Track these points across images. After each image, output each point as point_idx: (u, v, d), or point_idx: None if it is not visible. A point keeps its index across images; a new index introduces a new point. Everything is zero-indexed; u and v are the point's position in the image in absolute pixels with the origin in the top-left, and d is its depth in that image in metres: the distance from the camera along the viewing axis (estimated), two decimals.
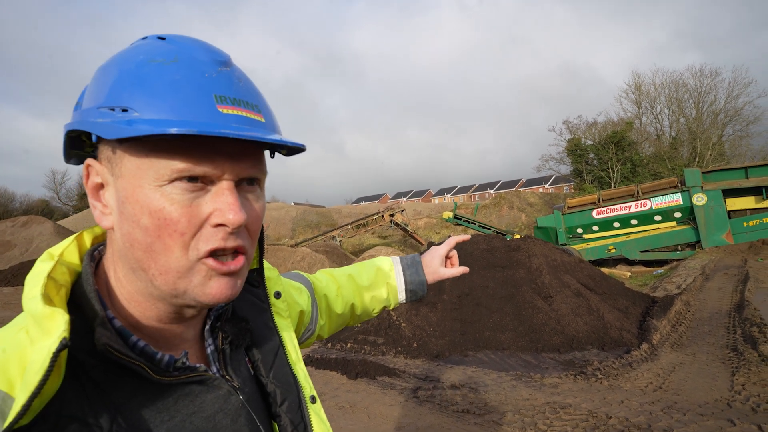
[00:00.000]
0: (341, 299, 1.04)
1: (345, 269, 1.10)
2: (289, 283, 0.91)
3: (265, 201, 0.60)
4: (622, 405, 3.81)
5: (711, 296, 7.84)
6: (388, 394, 4.40)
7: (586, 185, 30.34)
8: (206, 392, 0.58)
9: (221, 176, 0.53)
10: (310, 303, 0.94)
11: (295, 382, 0.71)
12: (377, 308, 1.11)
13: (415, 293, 1.10)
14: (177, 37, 0.57)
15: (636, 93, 34.38)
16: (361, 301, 1.08)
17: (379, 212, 22.52)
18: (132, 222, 0.52)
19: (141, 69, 0.52)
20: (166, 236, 0.51)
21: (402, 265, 1.11)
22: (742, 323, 5.83)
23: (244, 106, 0.54)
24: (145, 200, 0.51)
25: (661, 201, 14.32)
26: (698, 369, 4.60)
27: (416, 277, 1.10)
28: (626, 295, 7.61)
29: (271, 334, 0.72)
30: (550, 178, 55.65)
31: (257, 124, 0.55)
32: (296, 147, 0.57)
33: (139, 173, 0.51)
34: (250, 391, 0.64)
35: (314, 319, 0.96)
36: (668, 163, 29.19)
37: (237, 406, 0.60)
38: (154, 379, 0.53)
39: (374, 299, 1.09)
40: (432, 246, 1.18)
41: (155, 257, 0.52)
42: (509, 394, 4.21)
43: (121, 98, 0.50)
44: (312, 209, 45.06)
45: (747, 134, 31.56)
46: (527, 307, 6.28)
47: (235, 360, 0.65)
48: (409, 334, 5.98)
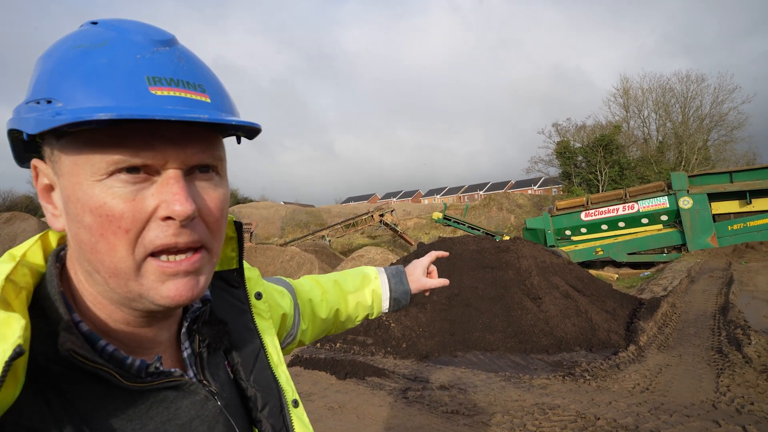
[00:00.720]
0: (326, 303, 1.02)
1: (330, 275, 1.10)
2: (270, 286, 0.89)
3: (227, 190, 0.55)
4: (610, 406, 3.84)
5: (696, 298, 7.95)
6: (378, 394, 4.38)
7: (575, 187, 30.67)
8: (182, 398, 0.54)
9: (165, 165, 0.49)
10: (292, 306, 0.91)
11: (277, 386, 0.68)
12: (361, 315, 1.10)
13: (398, 302, 1.12)
14: (113, 20, 0.52)
15: (624, 97, 34.88)
16: (346, 307, 1.07)
17: (369, 212, 22.49)
18: (77, 222, 0.48)
19: (65, 56, 0.48)
20: (110, 234, 0.47)
21: (387, 274, 1.12)
22: (726, 325, 5.92)
23: (185, 87, 0.49)
24: (85, 197, 0.47)
25: (648, 204, 14.52)
26: (684, 370, 4.65)
27: (401, 287, 1.11)
28: (614, 297, 7.69)
29: (252, 337, 0.69)
30: (539, 180, 56.16)
31: (201, 105, 0.50)
32: (251, 127, 0.53)
33: (76, 169, 0.47)
34: (228, 396, 0.62)
35: (296, 324, 0.93)
36: (655, 167, 29.64)
37: (214, 412, 0.57)
38: (124, 385, 0.49)
39: (359, 305, 1.08)
40: (414, 259, 1.24)
41: (102, 258, 0.48)
42: (498, 395, 4.21)
43: (44, 90, 0.47)
44: (301, 208, 44.87)
45: (731, 139, 32.26)
46: (516, 308, 6.31)
47: (213, 364, 0.62)
48: (398, 334, 5.96)
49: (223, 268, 0.71)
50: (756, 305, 6.93)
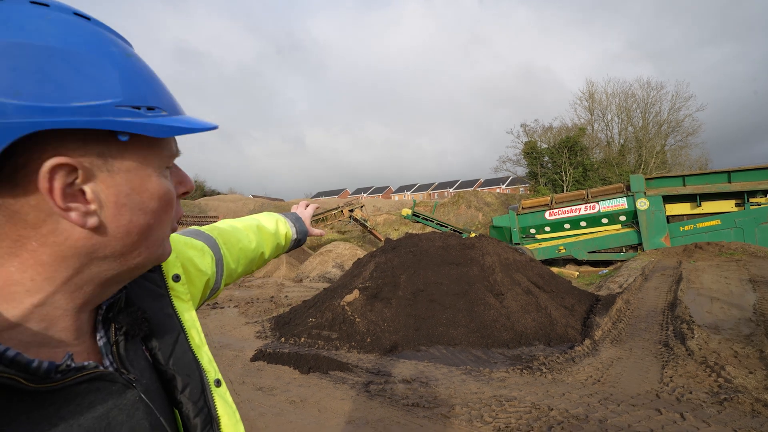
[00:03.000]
0: (254, 245, 1.14)
1: (249, 219, 1.22)
2: (189, 248, 0.89)
3: None
4: (563, 397, 4.00)
5: (649, 295, 8.36)
6: (340, 388, 4.40)
7: (541, 187, 31.54)
8: (96, 390, 0.53)
9: (176, 155, 0.63)
10: (213, 263, 0.94)
11: (198, 367, 0.69)
12: (275, 254, 1.28)
13: (297, 242, 1.34)
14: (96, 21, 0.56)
15: (589, 101, 36.08)
16: (269, 247, 1.21)
17: (339, 207, 22.38)
18: (138, 210, 0.55)
19: (127, 63, 0.54)
20: (164, 213, 0.59)
21: (291, 219, 1.33)
22: (673, 321, 6.26)
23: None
24: (156, 187, 0.57)
25: (609, 204, 15.12)
26: (633, 363, 4.90)
27: (303, 228, 1.34)
28: (573, 294, 7.99)
29: (170, 320, 0.70)
30: (507, 179, 57.37)
31: (182, 111, 0.63)
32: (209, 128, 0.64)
33: (146, 164, 0.56)
34: (148, 382, 0.62)
35: (219, 277, 0.98)
36: (617, 169, 30.85)
37: (133, 400, 0.57)
38: (29, 388, 0.47)
39: (277, 247, 1.26)
40: (299, 209, 1.43)
41: (150, 235, 0.58)
42: (458, 387, 4.31)
43: (135, 97, 0.52)
44: (270, 202, 44.19)
45: (686, 145, 33.97)
46: (479, 304, 6.46)
47: (131, 351, 0.62)
48: (363, 329, 6.00)
49: None
50: (701, 301, 7.37)
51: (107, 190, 0.52)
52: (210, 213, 32.44)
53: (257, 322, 7.53)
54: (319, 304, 7.29)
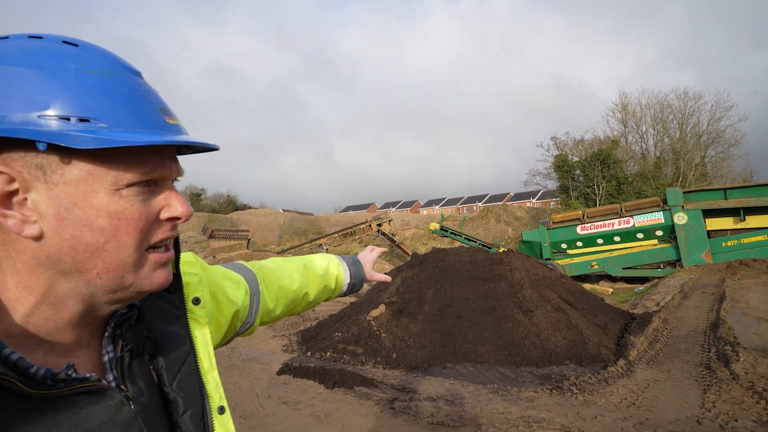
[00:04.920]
0: (297, 285, 1.11)
1: (299, 259, 1.20)
2: (225, 278, 0.91)
3: None
4: (596, 420, 3.84)
5: (688, 314, 7.96)
6: (365, 404, 4.37)
7: (572, 201, 30.75)
8: (94, 403, 0.56)
9: (169, 176, 0.61)
10: (247, 297, 0.95)
11: (202, 392, 0.69)
12: (323, 298, 1.23)
13: (354, 286, 1.28)
14: (86, 43, 0.58)
15: (622, 112, 35.15)
16: (315, 289, 1.17)
17: (367, 221, 22.49)
18: (81, 225, 0.54)
19: (83, 80, 0.54)
20: (124, 234, 0.56)
21: (347, 262, 1.28)
22: (716, 342, 5.93)
23: (174, 116, 0.62)
24: (102, 204, 0.54)
25: (644, 219, 14.56)
26: (672, 386, 4.66)
27: (359, 273, 1.28)
28: (606, 311, 7.69)
29: (181, 342, 0.70)
30: (537, 193, 56.29)
31: (185, 131, 0.62)
32: (210, 148, 0.64)
33: (92, 179, 0.54)
34: (148, 401, 0.63)
35: (253, 312, 0.98)
36: (652, 182, 29.78)
37: (128, 417, 0.58)
38: (27, 393, 0.50)
39: (324, 289, 1.21)
40: (362, 253, 1.37)
41: (105, 256, 0.55)
42: (485, 407, 4.21)
43: (73, 108, 0.52)
44: (300, 216, 44.85)
45: (728, 156, 32.47)
46: (507, 321, 6.31)
47: (135, 368, 0.63)
48: (389, 344, 5.96)
49: None
50: (746, 322, 6.95)
51: (48, 201, 0.53)
52: (241, 226, 33.23)
53: (284, 335, 7.61)
54: (345, 319, 7.31)
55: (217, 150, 0.65)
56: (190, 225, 34.76)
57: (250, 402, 4.57)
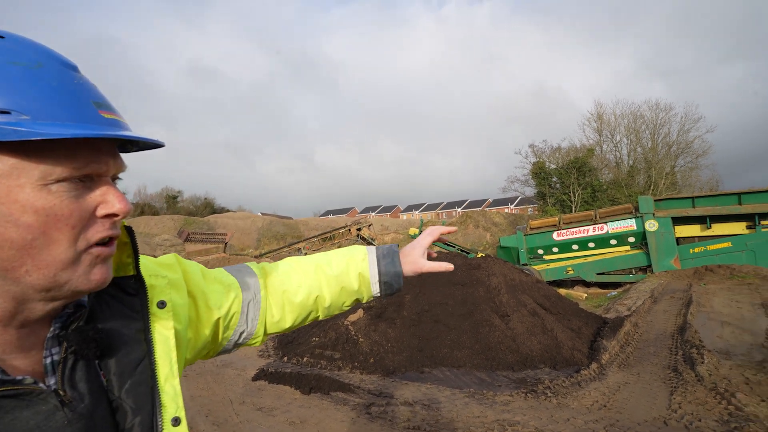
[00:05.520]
0: (304, 289, 0.96)
1: (313, 257, 1.03)
2: (212, 282, 0.85)
3: None
4: (568, 423, 3.92)
5: (658, 318, 8.21)
6: (341, 409, 4.35)
7: (549, 208, 31.39)
8: (23, 407, 0.52)
9: (105, 173, 0.58)
10: (238, 303, 0.88)
11: (153, 401, 0.64)
12: (348, 301, 1.02)
13: (390, 285, 1.00)
14: (15, 35, 0.57)
15: (598, 122, 36.13)
16: (330, 292, 0.99)
17: (347, 226, 22.46)
18: (5, 222, 0.51)
19: (6, 72, 0.52)
20: (54, 231, 0.54)
21: (377, 254, 1.01)
22: (683, 345, 6.13)
23: (113, 111, 0.59)
24: (28, 200, 0.52)
25: (617, 226, 14.96)
26: (641, 388, 4.79)
27: (392, 268, 1.00)
28: (580, 316, 7.87)
29: (137, 347, 0.65)
30: (515, 200, 57.20)
31: (125, 126, 0.60)
32: (155, 144, 0.63)
33: (17, 173, 0.52)
34: (91, 407, 0.58)
35: (249, 320, 0.90)
36: (626, 190, 30.65)
37: (60, 424, 0.54)
38: None
39: (343, 291, 1.00)
40: (417, 238, 1.08)
41: (35, 253, 0.53)
42: (461, 411, 4.24)
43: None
44: (279, 220, 44.44)
45: (696, 166, 33.76)
46: (484, 325, 6.39)
47: (78, 372, 0.59)
48: (366, 349, 5.95)
49: (119, 274, 0.68)
50: (711, 326, 7.21)
51: None
52: (219, 230, 32.69)
53: None
54: (322, 323, 7.27)
55: (161, 146, 0.63)
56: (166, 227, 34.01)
57: (224, 409, 4.49)
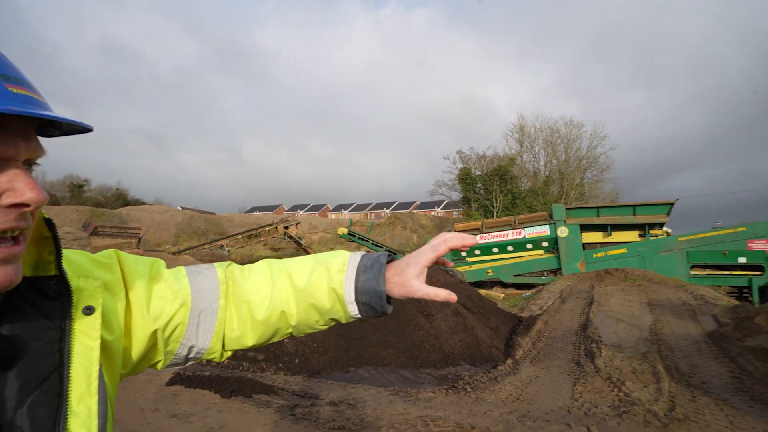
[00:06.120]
0: (268, 303, 0.79)
1: (289, 262, 0.85)
2: (163, 287, 0.75)
3: None
4: (485, 416, 4.15)
5: (565, 317, 8.97)
6: (264, 412, 4.23)
7: (473, 212, 33.02)
8: None
9: (14, 156, 0.51)
10: (183, 313, 0.75)
11: (56, 425, 0.55)
12: (322, 320, 0.82)
13: (370, 308, 0.79)
14: None
15: (520, 133, 38.67)
16: (297, 308, 0.80)
17: (273, 223, 21.86)
18: None
19: None
20: None
21: (359, 265, 0.80)
22: (585, 340, 6.76)
23: (27, 87, 0.52)
24: None
25: (533, 231, 16.16)
26: (549, 381, 5.21)
27: (372, 286, 0.78)
28: (498, 315, 8.37)
29: (48, 359, 0.56)
30: (442, 203, 59.33)
31: (43, 105, 0.53)
32: (82, 128, 0.56)
33: None
34: None
35: (199, 333, 0.77)
36: (541, 198, 33.13)
37: None
38: None
39: (314, 309, 0.80)
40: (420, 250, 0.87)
41: None
42: (386, 409, 4.32)
43: None
44: (200, 215, 42.08)
45: (601, 179, 37.44)
46: (410, 325, 6.56)
47: None
48: (291, 350, 5.84)
49: (39, 274, 0.60)
50: (608, 323, 8.03)
51: None
52: (132, 223, 30.19)
53: None
54: None
55: (89, 130, 0.56)
56: (70, 219, 30.69)
57: (133, 417, 4.17)
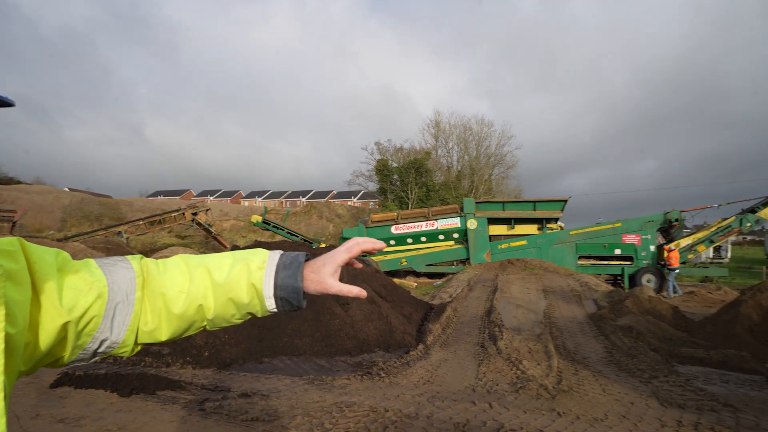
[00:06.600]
0: (185, 297, 0.81)
1: (207, 257, 0.88)
2: (74, 278, 0.71)
3: None
4: (398, 399, 4.32)
5: (472, 303, 9.60)
6: (169, 409, 3.98)
7: (389, 203, 33.74)
8: None
9: None
10: (99, 305, 0.73)
11: None
12: (238, 314, 0.87)
13: (288, 302, 0.86)
14: None
15: (435, 128, 40.17)
16: (215, 303, 0.83)
17: (180, 209, 20.38)
18: None
19: None
20: None
21: (278, 263, 0.87)
22: (489, 325, 7.31)
23: None
24: None
25: (445, 223, 17.00)
26: (457, 363, 5.56)
27: (291, 282, 0.85)
28: (411, 303, 8.71)
29: None
30: (358, 193, 59.73)
31: None
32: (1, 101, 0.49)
33: None
34: None
35: (113, 326, 0.75)
36: (454, 192, 34.86)
37: None
38: None
39: (231, 303, 0.85)
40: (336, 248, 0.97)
41: None
42: (301, 398, 4.30)
43: None
44: (93, 198, 37.83)
45: (507, 176, 40.41)
46: (325, 313, 6.57)
47: None
48: (200, 342, 5.55)
49: None
50: (509, 308, 8.77)
51: None
52: (4, 205, 26.16)
53: None
54: None
55: (10, 105, 0.49)
56: None
57: (9, 426, 3.67)
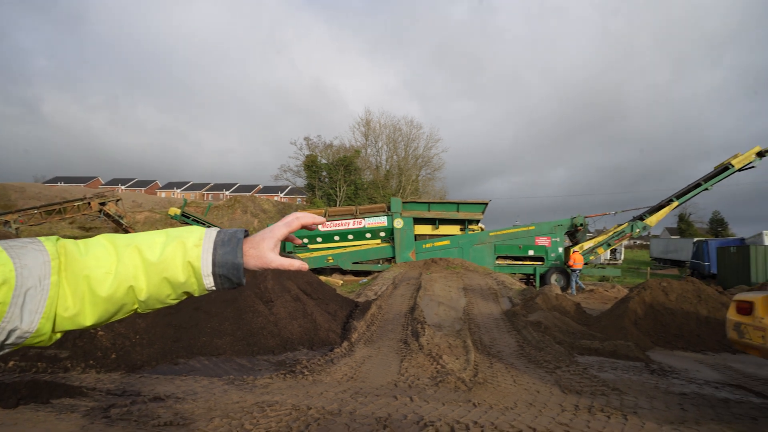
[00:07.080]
0: (113, 278, 0.78)
1: (135, 236, 0.84)
2: None
3: None
4: (321, 396, 4.32)
5: (396, 301, 9.83)
6: (66, 419, 3.62)
7: (317, 200, 33.39)
8: None
9: None
10: (7, 293, 0.68)
11: None
12: (174, 294, 0.84)
13: (227, 279, 0.85)
14: None
15: (366, 127, 40.47)
16: (148, 283, 0.81)
17: (85, 198, 18.48)
18: None
19: None
20: None
21: (216, 240, 0.85)
22: (412, 322, 7.54)
23: None
24: None
25: (373, 221, 17.21)
26: (380, 360, 5.68)
27: (230, 258, 0.84)
28: (336, 300, 8.70)
29: None
30: (286, 188, 58.37)
31: None
32: None
33: None
34: None
35: (23, 314, 0.70)
36: (382, 191, 35.35)
37: None
38: None
39: (166, 283, 0.82)
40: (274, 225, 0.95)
41: None
42: (219, 399, 4.13)
43: None
44: None
45: (433, 178, 41.87)
46: (248, 312, 6.36)
47: None
48: (107, 343, 5.11)
49: None
50: (432, 306, 9.11)
51: None
52: None
53: None
54: None
55: None
56: None
57: None
